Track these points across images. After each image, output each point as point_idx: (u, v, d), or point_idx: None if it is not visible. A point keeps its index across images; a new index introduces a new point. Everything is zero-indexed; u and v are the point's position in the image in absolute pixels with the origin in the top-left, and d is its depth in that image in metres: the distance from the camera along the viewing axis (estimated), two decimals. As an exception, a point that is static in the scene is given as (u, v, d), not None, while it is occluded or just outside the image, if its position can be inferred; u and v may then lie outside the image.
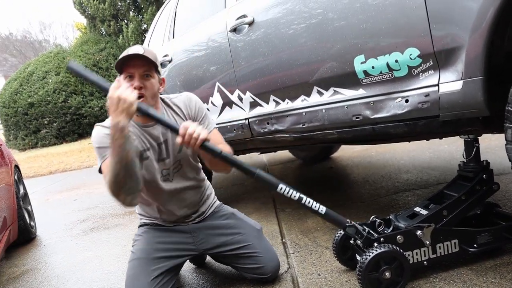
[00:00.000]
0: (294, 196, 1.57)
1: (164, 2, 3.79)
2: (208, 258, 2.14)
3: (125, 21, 14.66)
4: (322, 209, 1.59)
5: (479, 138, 1.74)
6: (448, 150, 3.80)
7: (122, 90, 1.43)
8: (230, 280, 1.93)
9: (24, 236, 3.25)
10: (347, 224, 1.61)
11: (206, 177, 2.01)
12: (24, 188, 3.63)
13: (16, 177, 3.39)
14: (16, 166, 3.56)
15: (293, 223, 2.52)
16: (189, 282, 2.00)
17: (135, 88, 1.61)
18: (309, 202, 1.58)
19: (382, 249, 1.50)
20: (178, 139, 1.49)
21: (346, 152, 4.67)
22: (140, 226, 1.92)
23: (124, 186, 1.49)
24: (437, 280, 1.57)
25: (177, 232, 1.84)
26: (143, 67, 1.65)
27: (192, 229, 1.85)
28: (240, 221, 1.91)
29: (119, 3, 14.44)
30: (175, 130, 1.51)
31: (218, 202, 2.00)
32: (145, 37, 13.63)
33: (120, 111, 1.42)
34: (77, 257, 2.69)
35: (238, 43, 2.39)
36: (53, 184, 6.78)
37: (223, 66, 2.56)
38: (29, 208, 3.57)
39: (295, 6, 2.00)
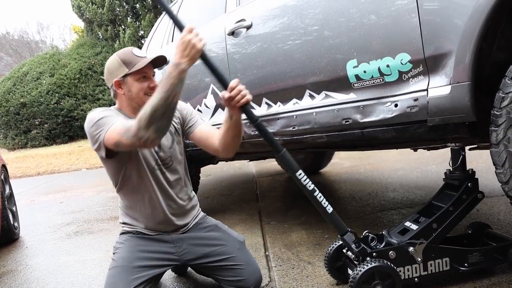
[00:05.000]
0: (309, 186, 1.59)
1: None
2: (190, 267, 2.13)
3: (123, 26, 14.70)
4: (330, 208, 1.60)
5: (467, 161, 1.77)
6: (436, 170, 3.84)
7: (194, 35, 1.46)
8: (211, 291, 1.93)
9: (7, 236, 3.21)
10: (348, 229, 1.62)
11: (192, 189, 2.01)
12: (10, 188, 3.59)
13: (2, 176, 3.36)
14: (3, 166, 3.53)
15: (277, 236, 2.53)
16: (169, 291, 2.00)
17: (154, 87, 1.71)
18: (320, 197, 1.59)
19: (377, 263, 1.52)
20: (225, 94, 1.53)
21: (335, 168, 4.70)
22: (122, 234, 1.88)
23: (157, 122, 1.47)
24: (416, 299, 1.58)
25: (160, 242, 1.82)
26: (152, 68, 1.78)
27: (175, 239, 1.83)
28: (223, 233, 1.90)
29: (117, 9, 14.49)
30: (224, 82, 1.54)
31: (202, 214, 1.99)
32: (141, 43, 13.70)
33: (186, 54, 1.45)
34: (59, 260, 2.66)
35: (234, 46, 2.44)
36: (40, 185, 6.72)
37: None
38: (14, 208, 3.53)
39: (292, 21, 2.05)
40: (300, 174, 1.59)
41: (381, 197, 3.13)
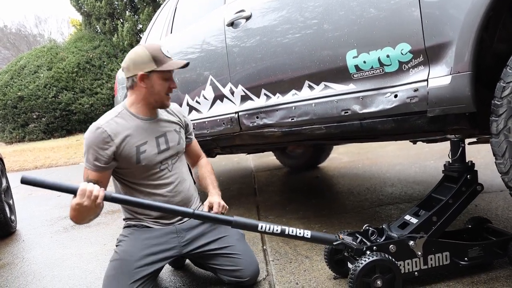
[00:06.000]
0: (277, 230, 1.62)
1: (161, 3, 3.83)
2: (187, 261, 2.12)
3: (121, 20, 14.64)
4: (307, 233, 1.63)
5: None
6: (434, 165, 3.83)
7: (87, 201, 1.54)
8: (208, 285, 1.92)
9: (3, 230, 3.20)
10: (334, 243, 1.64)
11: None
12: (7, 182, 3.57)
13: (-1, 170, 3.34)
14: (0, 159, 3.51)
15: (275, 231, 2.51)
16: (166, 284, 1.99)
17: (173, 88, 1.83)
18: (292, 231, 1.63)
19: (378, 257, 1.51)
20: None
21: (333, 163, 4.69)
22: (126, 227, 1.89)
23: (85, 223, 1.75)
24: (414, 294, 1.58)
25: (163, 234, 1.82)
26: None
27: (179, 230, 1.84)
28: None
29: (116, 2, 14.42)
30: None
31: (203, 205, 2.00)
32: (140, 37, 13.66)
33: (83, 216, 1.62)
34: (55, 253, 2.65)
35: (234, 40, 2.43)
36: (38, 179, 6.69)
37: (217, 60, 2.59)
38: (11, 202, 3.51)
39: (291, 14, 2.03)
40: (262, 227, 1.63)
41: (379, 192, 3.13)
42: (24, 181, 1.49)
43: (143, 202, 1.63)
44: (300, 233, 1.62)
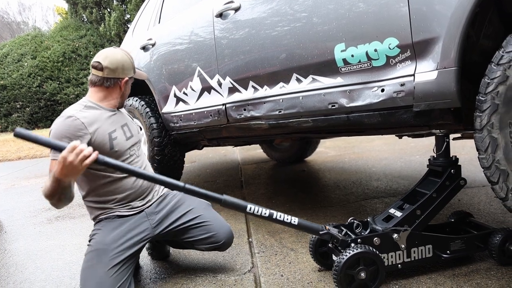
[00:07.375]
0: (265, 213, 1.61)
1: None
2: (172, 252, 2.12)
3: (108, 9, 14.45)
4: (295, 220, 1.63)
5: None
6: (420, 160, 3.88)
7: (74, 157, 1.50)
8: (194, 276, 1.92)
9: (-15, 220, 3.16)
10: (320, 232, 1.64)
11: None
12: (-11, 172, 3.52)
13: (-19, 159, 3.29)
14: (-18, 148, 3.46)
15: (260, 223, 2.52)
16: (151, 276, 1.98)
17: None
18: (280, 216, 1.62)
19: (362, 249, 1.53)
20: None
21: (320, 157, 4.72)
22: (97, 222, 1.88)
23: (55, 203, 1.71)
24: (397, 287, 1.60)
25: (134, 219, 1.85)
26: None
27: (149, 213, 1.89)
28: (189, 198, 1.96)
29: (103, -9, 14.22)
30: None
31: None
32: (127, 27, 13.49)
33: (65, 173, 1.53)
34: (39, 245, 2.62)
35: (222, 31, 2.42)
36: (21, 170, 6.61)
37: (206, 51, 2.57)
38: (-7, 192, 3.47)
39: (281, 7, 2.02)
40: (250, 209, 1.61)
41: (365, 186, 3.15)
42: (18, 135, 1.51)
43: (134, 170, 1.62)
44: (287, 219, 1.62)
